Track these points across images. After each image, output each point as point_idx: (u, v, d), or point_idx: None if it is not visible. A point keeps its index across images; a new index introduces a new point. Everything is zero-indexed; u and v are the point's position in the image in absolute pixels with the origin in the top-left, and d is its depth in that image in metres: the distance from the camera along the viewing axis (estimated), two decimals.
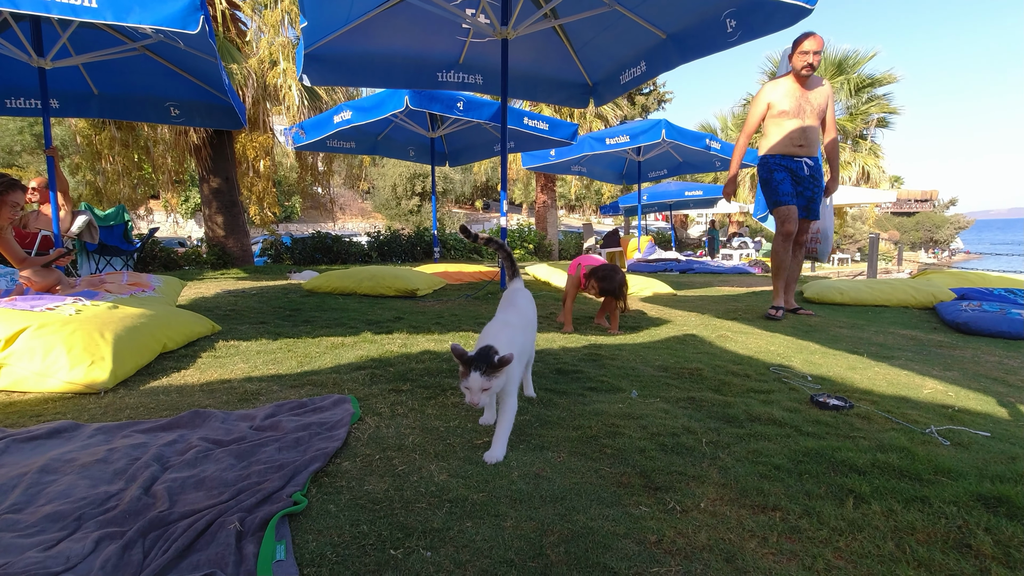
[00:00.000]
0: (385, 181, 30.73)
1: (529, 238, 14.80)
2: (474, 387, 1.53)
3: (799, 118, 4.13)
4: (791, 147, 4.18)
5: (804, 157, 4.21)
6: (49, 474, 1.46)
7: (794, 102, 4.13)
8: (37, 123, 19.74)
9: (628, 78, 5.48)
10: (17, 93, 5.54)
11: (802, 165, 4.21)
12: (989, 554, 1.14)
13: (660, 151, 10.77)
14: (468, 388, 1.55)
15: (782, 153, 4.22)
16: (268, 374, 2.50)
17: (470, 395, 1.55)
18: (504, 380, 1.60)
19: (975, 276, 6.13)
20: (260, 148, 11.09)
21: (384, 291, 5.25)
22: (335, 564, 1.09)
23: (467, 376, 1.54)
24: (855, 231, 29.69)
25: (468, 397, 1.56)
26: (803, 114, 4.13)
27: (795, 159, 4.21)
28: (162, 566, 1.05)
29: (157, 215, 25.03)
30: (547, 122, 7.61)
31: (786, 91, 4.15)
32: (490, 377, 1.54)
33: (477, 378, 1.53)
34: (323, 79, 5.55)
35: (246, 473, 1.46)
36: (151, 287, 4.01)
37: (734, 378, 2.50)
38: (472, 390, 1.54)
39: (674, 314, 4.43)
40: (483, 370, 1.53)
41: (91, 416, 1.96)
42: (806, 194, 4.26)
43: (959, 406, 2.19)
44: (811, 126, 4.17)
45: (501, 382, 1.59)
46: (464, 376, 1.55)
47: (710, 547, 1.17)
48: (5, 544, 1.14)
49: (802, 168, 4.21)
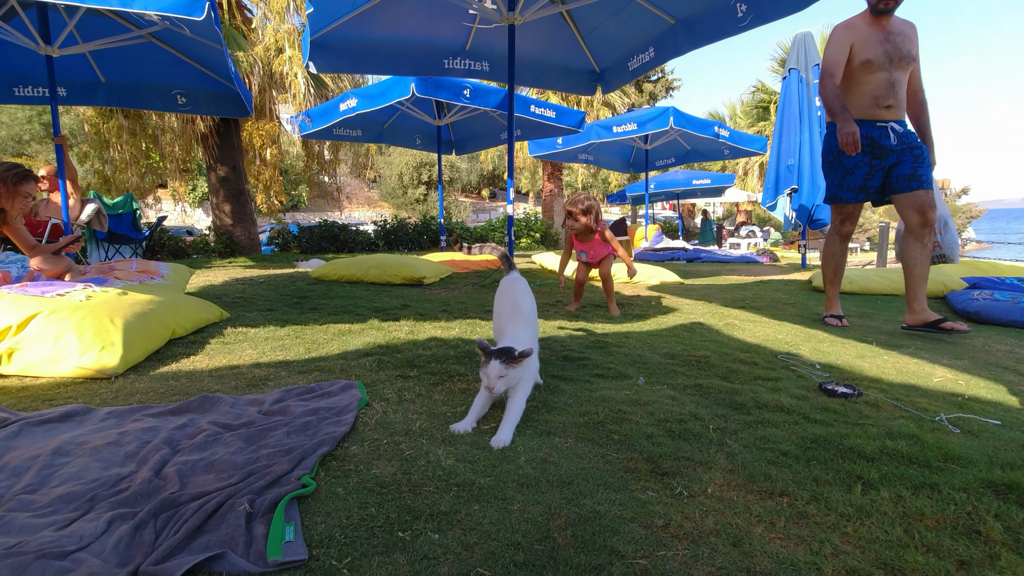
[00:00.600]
0: (391, 170, 30.67)
1: (536, 227, 14.77)
2: (492, 373, 1.67)
3: (886, 70, 3.15)
4: (876, 109, 3.19)
5: (891, 121, 3.20)
6: (62, 456, 1.48)
7: (880, 49, 3.14)
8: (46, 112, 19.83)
9: (636, 64, 5.42)
10: (25, 81, 5.55)
11: (887, 132, 3.19)
12: (999, 540, 1.13)
13: (668, 139, 10.68)
14: (486, 374, 1.68)
15: (861, 118, 3.22)
16: (276, 360, 2.51)
17: (487, 379, 1.68)
18: (521, 373, 1.73)
19: (987, 265, 6.06)
20: (267, 136, 11.09)
21: (391, 279, 5.26)
22: (344, 545, 1.10)
23: (487, 364, 1.68)
24: (865, 220, 29.40)
25: (485, 382, 1.69)
26: (891, 65, 3.14)
27: (878, 124, 3.20)
28: (173, 546, 1.07)
29: (165, 204, 25.16)
30: (554, 110, 7.55)
31: (867, 35, 3.16)
32: (508, 367, 1.67)
33: (496, 365, 1.67)
34: (329, 66, 5.52)
35: (255, 456, 1.47)
36: (160, 274, 4.04)
37: (742, 366, 2.49)
38: (490, 376, 1.67)
39: (681, 302, 4.41)
40: (503, 359, 1.67)
41: (102, 400, 1.98)
42: (901, 168, 3.19)
43: (969, 394, 2.17)
44: (899, 79, 3.18)
45: (518, 375, 1.72)
46: (484, 364, 1.70)
47: (717, 531, 1.17)
48: (20, 524, 1.16)
49: (887, 136, 3.19)
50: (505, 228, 9.34)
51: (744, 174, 20.24)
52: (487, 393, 1.73)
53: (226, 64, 4.82)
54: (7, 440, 1.57)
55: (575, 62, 6.06)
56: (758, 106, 19.06)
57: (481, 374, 1.71)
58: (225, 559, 1.03)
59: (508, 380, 1.69)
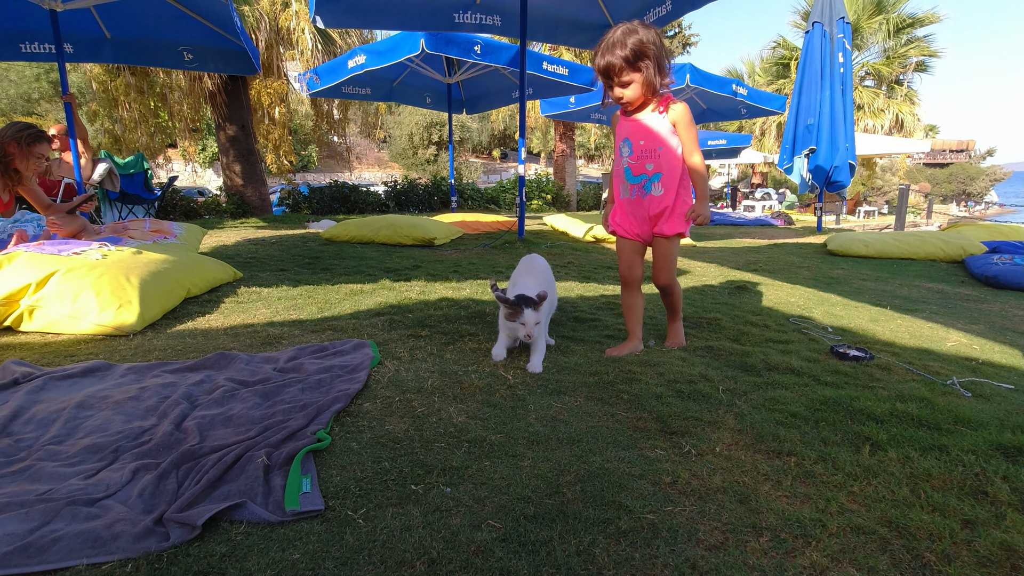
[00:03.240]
0: (401, 130, 30.25)
1: (547, 188, 14.59)
2: (530, 321, 1.88)
3: None
4: None
5: None
6: (86, 410, 1.52)
7: None
8: (53, 70, 19.62)
9: (653, 18, 5.22)
10: (31, 37, 5.48)
11: None
12: (1005, 500, 1.14)
13: (684, 97, 10.37)
14: (524, 322, 1.88)
15: None
16: (289, 319, 2.54)
17: (527, 328, 1.88)
18: (548, 311, 2.05)
19: (1009, 229, 5.93)
20: (275, 95, 10.92)
21: (402, 240, 5.25)
22: (359, 497, 1.14)
23: (522, 313, 1.88)
24: (884, 183, 28.73)
25: (524, 330, 1.89)
26: None
27: None
28: (196, 495, 1.10)
29: (176, 164, 25.10)
30: (567, 67, 7.34)
31: None
32: (537, 311, 1.89)
33: (531, 313, 1.88)
34: (337, 21, 5.39)
35: (271, 412, 1.51)
36: (173, 234, 4.06)
37: (753, 328, 2.49)
38: (528, 323, 1.88)
39: (693, 265, 4.38)
40: (533, 306, 1.88)
41: (122, 357, 2.03)
42: None
43: (983, 359, 2.16)
44: None
45: (544, 314, 1.98)
46: (517, 314, 1.89)
47: (724, 489, 1.19)
48: (49, 472, 1.21)
49: None
50: (516, 189, 9.24)
51: (761, 134, 19.72)
52: (511, 338, 2.03)
53: (232, 19, 4.71)
54: (33, 394, 1.62)
55: (589, 16, 5.85)
56: (778, 63, 18.41)
57: (517, 323, 1.89)
58: (245, 508, 1.07)
59: (543, 323, 1.96)
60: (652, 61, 1.91)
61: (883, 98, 16.05)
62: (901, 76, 16.30)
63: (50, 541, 0.96)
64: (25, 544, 0.95)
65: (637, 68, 1.91)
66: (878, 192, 27.97)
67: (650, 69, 1.92)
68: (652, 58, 1.91)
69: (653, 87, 1.96)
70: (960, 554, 0.98)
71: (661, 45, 1.93)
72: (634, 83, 1.94)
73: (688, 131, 2.00)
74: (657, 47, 1.91)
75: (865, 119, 16.20)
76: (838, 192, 7.71)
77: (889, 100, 16.14)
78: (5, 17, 5.24)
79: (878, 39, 15.66)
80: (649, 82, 1.94)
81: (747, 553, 0.99)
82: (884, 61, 15.86)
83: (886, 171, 28.60)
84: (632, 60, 1.90)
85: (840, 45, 7.17)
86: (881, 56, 15.96)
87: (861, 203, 19.38)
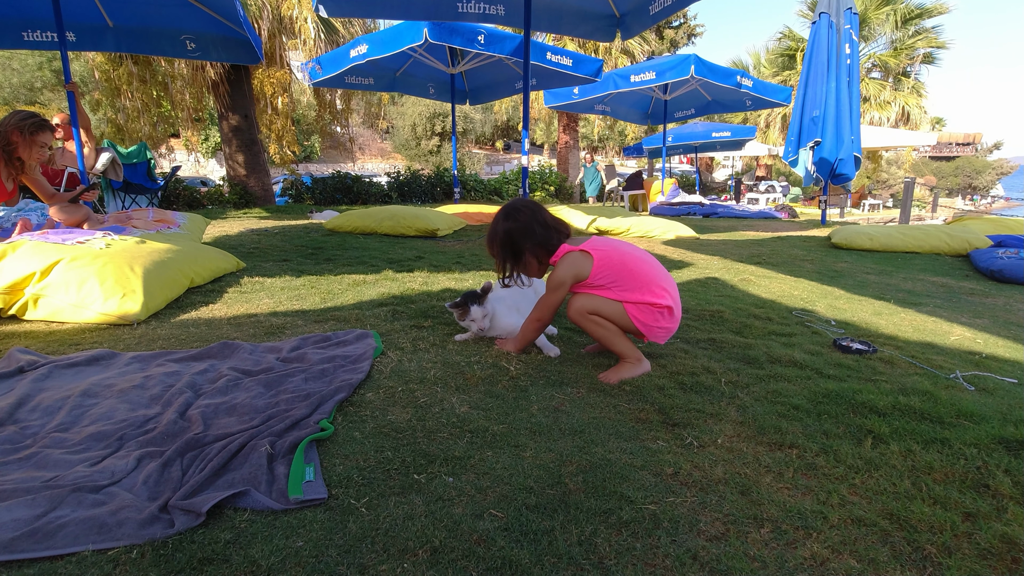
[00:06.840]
0: (404, 121, 30.13)
1: (550, 180, 14.54)
2: (477, 317, 1.95)
3: None
4: None
5: None
6: (91, 398, 1.53)
7: None
8: (56, 58, 19.58)
9: (658, 8, 5.16)
10: (33, 25, 5.46)
11: None
12: (1007, 494, 1.14)
13: (688, 89, 10.31)
14: (472, 320, 1.94)
15: None
16: (292, 309, 2.55)
17: (476, 324, 1.94)
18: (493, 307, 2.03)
19: (1014, 223, 5.90)
20: (278, 84, 10.88)
21: (404, 231, 5.25)
22: (362, 486, 1.14)
23: (468, 312, 1.94)
24: (889, 176, 28.55)
25: (474, 328, 1.95)
26: None
27: None
28: (200, 483, 1.11)
29: (179, 154, 25.06)
30: (571, 57, 7.28)
31: None
32: (483, 305, 1.96)
33: (476, 309, 1.96)
34: (339, 9, 5.35)
35: (275, 401, 1.51)
36: (176, 224, 4.06)
37: (756, 321, 2.48)
38: (477, 320, 1.94)
39: (696, 257, 4.37)
40: (476, 301, 1.97)
41: (126, 346, 2.04)
42: None
43: (987, 353, 2.15)
44: None
45: (491, 309, 2.01)
46: (464, 315, 1.96)
47: (726, 480, 1.19)
48: (55, 459, 1.22)
49: None
50: (520, 180, 9.20)
51: (766, 126, 19.60)
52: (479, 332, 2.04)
53: (234, 7, 4.68)
54: (38, 382, 1.63)
55: (594, 6, 5.79)
56: (784, 54, 18.27)
57: (467, 324, 1.99)
58: (249, 496, 1.08)
59: (491, 315, 2.00)
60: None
61: (890, 90, 15.93)
62: (908, 68, 16.17)
63: (56, 527, 0.97)
64: (32, 530, 0.96)
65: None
66: (883, 185, 27.81)
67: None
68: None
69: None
70: (961, 546, 0.99)
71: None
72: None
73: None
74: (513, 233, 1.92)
75: (871, 111, 16.08)
76: (843, 185, 7.66)
77: (896, 92, 16.02)
78: (7, 5, 5.22)
79: (885, 30, 15.52)
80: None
81: (748, 544, 0.99)
82: (891, 52, 15.73)
83: (892, 164, 28.44)
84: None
85: (847, 36, 7.10)
86: (888, 47, 15.83)
87: (866, 196, 19.26)
